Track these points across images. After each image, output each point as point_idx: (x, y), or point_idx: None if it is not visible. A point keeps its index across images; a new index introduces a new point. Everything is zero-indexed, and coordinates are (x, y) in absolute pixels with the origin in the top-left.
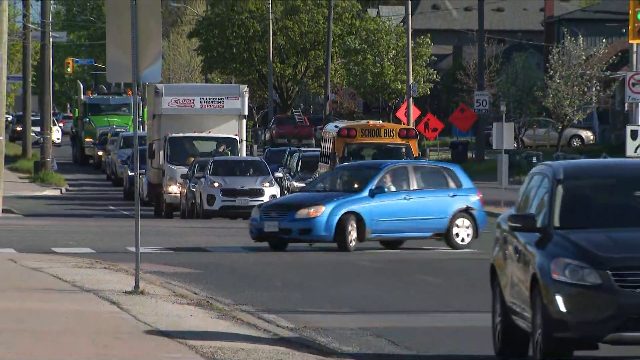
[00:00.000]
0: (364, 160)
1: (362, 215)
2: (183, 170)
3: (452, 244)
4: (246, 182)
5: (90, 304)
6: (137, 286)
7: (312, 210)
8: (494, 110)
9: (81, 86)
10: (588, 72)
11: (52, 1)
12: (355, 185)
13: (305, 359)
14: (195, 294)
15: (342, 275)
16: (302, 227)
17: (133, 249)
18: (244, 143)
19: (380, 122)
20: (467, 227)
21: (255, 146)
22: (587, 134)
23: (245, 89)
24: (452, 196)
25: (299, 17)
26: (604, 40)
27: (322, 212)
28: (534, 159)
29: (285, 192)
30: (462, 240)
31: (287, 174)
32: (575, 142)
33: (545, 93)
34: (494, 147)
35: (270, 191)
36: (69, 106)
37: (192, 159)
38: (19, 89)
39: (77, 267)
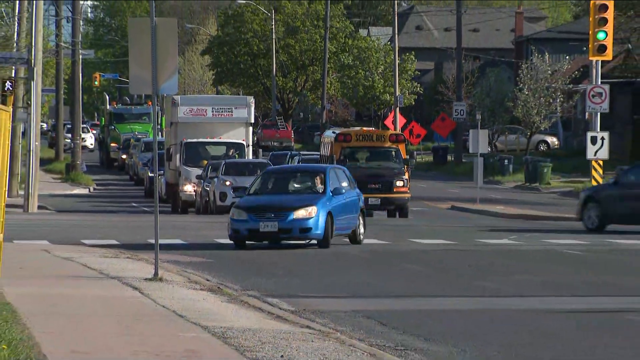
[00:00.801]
0: (291, 164)
1: (332, 214)
2: (197, 171)
3: (357, 240)
4: (250, 181)
5: (114, 290)
6: (156, 274)
7: (309, 210)
8: (471, 119)
9: (107, 98)
10: (553, 85)
11: (81, 23)
12: (314, 186)
13: (304, 337)
14: (207, 280)
15: (336, 265)
16: (302, 227)
17: (153, 241)
18: (250, 147)
19: (373, 128)
20: (362, 224)
21: (260, 150)
22: (552, 140)
23: (251, 99)
24: (358, 195)
25: (299, 37)
26: (567, 57)
27: (316, 213)
28: (506, 161)
29: None
30: (361, 235)
31: None
32: (542, 147)
33: (516, 104)
34: (470, 151)
35: None
36: (96, 115)
37: (205, 161)
38: (52, 100)
39: (103, 257)
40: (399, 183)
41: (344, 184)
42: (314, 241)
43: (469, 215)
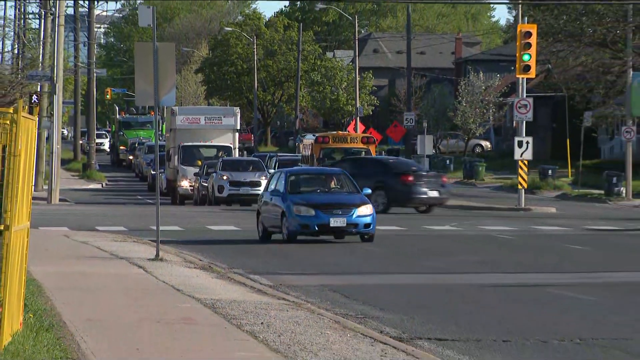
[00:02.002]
0: (316, 167)
1: None
2: (192, 169)
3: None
4: (247, 176)
5: (123, 268)
6: (157, 255)
7: (369, 207)
8: (418, 126)
9: (117, 108)
10: (486, 98)
11: (95, 47)
12: (345, 186)
13: (280, 307)
14: (200, 260)
15: (308, 248)
16: (366, 222)
17: (154, 228)
18: (237, 150)
19: (347, 132)
20: None
21: (245, 152)
22: (486, 144)
23: (237, 110)
24: None
25: (276, 58)
26: (498, 75)
27: (372, 210)
28: (447, 161)
29: None
30: None
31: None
32: (477, 150)
33: (456, 114)
34: (418, 152)
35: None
36: (107, 123)
37: (200, 161)
38: (71, 110)
39: (113, 240)
40: None
41: None
42: (367, 236)
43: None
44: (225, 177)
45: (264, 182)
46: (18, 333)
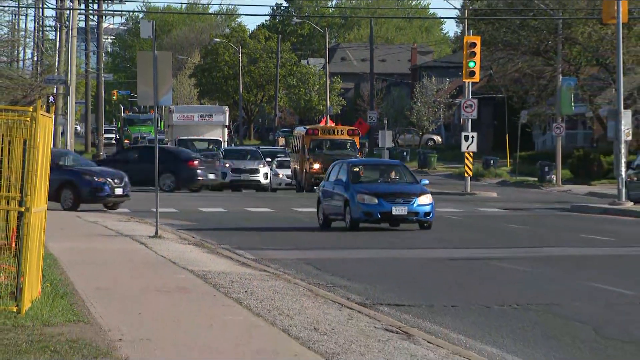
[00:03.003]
0: (374, 158)
1: None
2: None
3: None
4: (247, 164)
5: (127, 244)
6: (156, 233)
7: (429, 197)
8: (380, 123)
9: (122, 107)
10: (438, 99)
11: (103, 54)
12: (403, 177)
13: (262, 278)
14: (193, 237)
15: (288, 225)
16: (426, 211)
17: (154, 209)
18: (225, 143)
19: (334, 124)
20: None
21: (232, 145)
22: (437, 138)
23: (226, 108)
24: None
25: (258, 65)
26: (447, 79)
27: (432, 199)
28: (405, 153)
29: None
30: None
31: None
32: (430, 143)
33: (412, 112)
34: (380, 145)
35: (264, 170)
36: (114, 120)
37: None
38: (82, 109)
39: (119, 221)
40: None
41: None
42: (427, 224)
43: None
44: (227, 165)
45: (262, 170)
46: (37, 300)
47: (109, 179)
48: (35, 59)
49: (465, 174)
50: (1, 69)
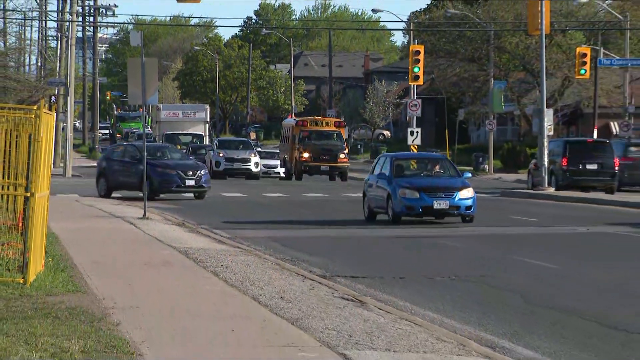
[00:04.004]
0: (419, 152)
1: None
2: None
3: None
4: (240, 153)
5: (119, 224)
6: (144, 214)
7: (470, 191)
8: None
9: (114, 106)
10: (387, 100)
11: (98, 60)
12: (447, 171)
13: (235, 253)
14: (176, 219)
15: (257, 209)
16: (467, 205)
17: (142, 194)
18: (207, 137)
19: (322, 117)
20: None
21: (213, 138)
22: (387, 133)
23: (207, 106)
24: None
25: (232, 70)
26: (396, 82)
27: (474, 193)
28: (359, 146)
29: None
30: None
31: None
32: (381, 137)
33: (365, 111)
34: None
35: (255, 159)
36: (107, 117)
37: (179, 145)
38: (80, 108)
39: (112, 204)
40: (342, 155)
41: None
42: (468, 218)
43: (338, 180)
44: (221, 154)
45: (253, 159)
46: (41, 272)
47: (179, 171)
48: (39, 64)
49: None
50: (10, 73)
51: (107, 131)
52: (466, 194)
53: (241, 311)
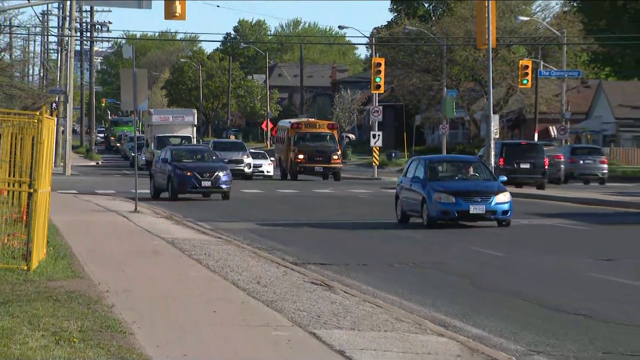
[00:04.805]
0: (451, 155)
1: None
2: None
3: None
4: (233, 155)
5: (113, 217)
6: (136, 208)
7: (507, 195)
8: None
9: (109, 112)
10: (352, 106)
11: (94, 71)
12: (482, 174)
13: (217, 243)
14: (164, 212)
15: (238, 205)
16: (504, 210)
17: (134, 191)
18: (195, 139)
19: (316, 119)
20: None
21: (201, 140)
22: (352, 136)
23: (195, 111)
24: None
25: (214, 79)
26: (360, 91)
27: (510, 198)
28: None
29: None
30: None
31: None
32: (347, 140)
33: (333, 116)
34: None
35: (247, 160)
36: (102, 122)
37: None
38: (78, 113)
39: (107, 199)
40: (335, 156)
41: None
42: (505, 222)
43: (310, 178)
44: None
45: (245, 160)
46: (42, 260)
47: (196, 173)
48: (41, 74)
49: (373, 164)
50: (15, 82)
51: (102, 134)
52: (503, 199)
53: (223, 294)
